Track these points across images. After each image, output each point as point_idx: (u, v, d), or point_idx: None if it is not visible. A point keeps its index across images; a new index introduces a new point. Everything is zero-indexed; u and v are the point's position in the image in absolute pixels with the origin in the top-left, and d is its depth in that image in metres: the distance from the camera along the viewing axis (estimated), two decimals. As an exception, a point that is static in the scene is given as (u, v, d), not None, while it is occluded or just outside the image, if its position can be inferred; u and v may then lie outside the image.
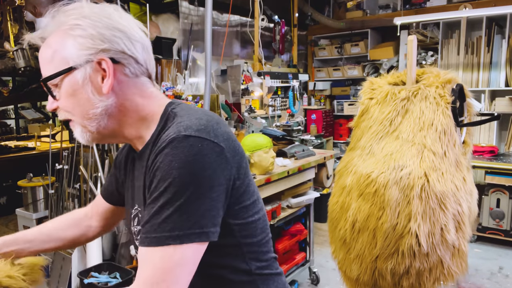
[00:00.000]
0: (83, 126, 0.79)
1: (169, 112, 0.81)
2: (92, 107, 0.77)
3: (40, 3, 3.04)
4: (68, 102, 0.78)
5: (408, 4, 4.75)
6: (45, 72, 0.78)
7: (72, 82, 0.77)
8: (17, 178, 3.85)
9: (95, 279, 2.50)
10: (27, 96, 6.13)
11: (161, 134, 0.77)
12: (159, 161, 0.71)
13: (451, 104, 1.96)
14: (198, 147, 0.70)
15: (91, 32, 0.75)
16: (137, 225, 0.88)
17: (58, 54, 0.76)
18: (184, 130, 0.71)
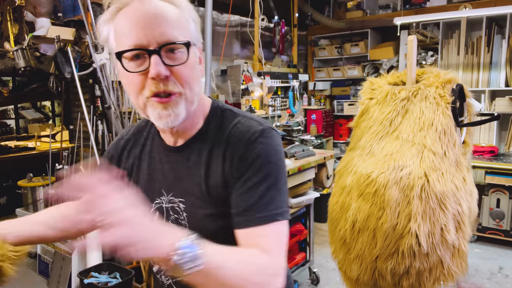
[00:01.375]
0: (189, 102, 0.78)
1: (222, 109, 0.87)
2: (200, 86, 0.80)
3: (40, 3, 3.04)
4: (190, 72, 0.77)
5: (408, 4, 4.75)
6: (178, 34, 0.74)
7: (195, 55, 0.79)
8: (17, 178, 3.85)
9: (95, 279, 2.50)
10: (27, 96, 6.14)
11: (226, 128, 0.83)
12: (254, 148, 0.78)
13: (451, 104, 1.96)
14: (278, 138, 0.82)
15: (196, 20, 0.81)
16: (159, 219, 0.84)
17: (189, 26, 0.77)
18: (262, 123, 0.82)
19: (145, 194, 0.91)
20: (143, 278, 2.74)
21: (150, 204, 0.90)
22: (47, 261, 3.21)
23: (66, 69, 2.95)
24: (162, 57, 0.72)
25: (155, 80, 0.73)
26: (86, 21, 3.04)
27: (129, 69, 0.74)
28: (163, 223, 0.63)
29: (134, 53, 0.73)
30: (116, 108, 3.15)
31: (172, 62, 0.74)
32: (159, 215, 0.88)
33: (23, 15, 3.14)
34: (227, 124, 0.83)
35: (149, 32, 0.71)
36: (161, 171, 0.89)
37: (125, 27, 0.73)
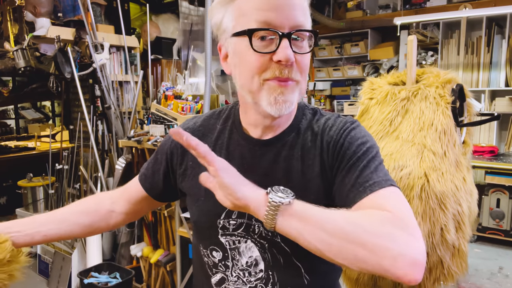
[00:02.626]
0: (301, 92, 0.77)
1: (308, 108, 0.88)
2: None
3: (40, 3, 3.04)
4: (308, 61, 0.76)
5: (408, 4, 4.75)
6: (307, 20, 0.74)
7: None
8: (17, 178, 3.85)
9: (95, 279, 2.50)
10: (27, 96, 6.13)
11: (317, 125, 0.83)
12: (350, 136, 0.79)
13: (451, 104, 1.96)
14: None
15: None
16: (238, 218, 0.81)
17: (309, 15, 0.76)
18: (351, 119, 0.84)
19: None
20: (143, 278, 2.74)
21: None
22: (47, 261, 3.21)
23: (66, 69, 2.95)
24: (291, 43, 0.70)
25: (281, 64, 0.71)
26: (86, 21, 3.04)
27: (256, 48, 0.71)
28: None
29: (262, 33, 0.71)
30: (116, 108, 3.15)
31: (298, 50, 0.72)
32: (238, 213, 0.82)
33: (23, 15, 3.14)
34: (318, 120, 0.84)
35: (283, 14, 0.69)
36: (241, 166, 0.80)
37: (254, 5, 0.71)
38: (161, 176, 0.93)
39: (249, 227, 0.80)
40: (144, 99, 3.69)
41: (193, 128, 0.91)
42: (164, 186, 0.93)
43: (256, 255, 0.80)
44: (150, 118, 2.64)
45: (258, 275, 0.80)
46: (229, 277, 0.83)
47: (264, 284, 0.80)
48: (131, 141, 2.59)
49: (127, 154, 2.78)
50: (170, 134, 0.69)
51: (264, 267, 0.80)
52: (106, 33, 3.23)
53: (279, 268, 0.79)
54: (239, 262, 0.82)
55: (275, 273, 0.79)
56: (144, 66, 3.64)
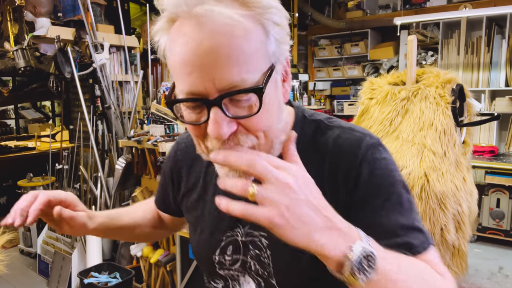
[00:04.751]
0: (267, 148, 0.58)
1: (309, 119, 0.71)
2: (281, 119, 0.60)
3: (40, 3, 3.04)
4: (267, 115, 0.56)
5: (408, 4, 4.75)
6: (244, 74, 0.52)
7: (273, 86, 0.57)
8: (17, 178, 3.85)
9: (95, 279, 2.50)
10: (27, 96, 6.13)
11: (321, 143, 0.67)
12: (377, 174, 0.63)
13: (451, 104, 1.96)
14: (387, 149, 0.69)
15: (283, 20, 0.57)
16: (233, 254, 0.73)
17: (265, 45, 0.54)
18: (370, 135, 0.68)
19: (214, 224, 0.75)
20: (143, 278, 2.74)
21: (220, 236, 0.75)
22: (47, 261, 3.21)
23: (66, 69, 2.95)
24: (224, 109, 0.53)
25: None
26: (86, 21, 3.04)
27: (185, 118, 0.58)
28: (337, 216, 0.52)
29: (188, 103, 0.56)
30: (116, 108, 3.15)
31: (240, 113, 0.54)
32: (232, 249, 0.73)
33: (23, 15, 3.14)
34: (322, 137, 0.68)
35: (208, 76, 0.51)
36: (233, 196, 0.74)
37: (177, 58, 0.54)
38: (171, 200, 0.89)
39: (245, 263, 0.72)
40: (144, 99, 3.69)
41: (185, 144, 0.84)
42: (178, 206, 0.88)
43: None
44: (150, 118, 2.64)
45: None
46: None
47: None
48: (131, 141, 2.59)
49: (127, 154, 2.78)
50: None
51: None
52: (106, 33, 3.23)
53: None
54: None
55: None
56: (144, 66, 3.64)
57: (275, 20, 0.55)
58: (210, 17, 0.51)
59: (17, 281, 3.18)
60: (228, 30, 0.51)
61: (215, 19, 0.51)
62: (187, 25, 0.52)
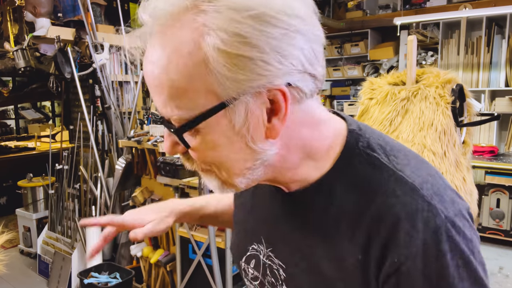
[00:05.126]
0: (229, 183, 0.53)
1: (362, 153, 0.54)
2: (252, 159, 0.50)
3: (40, 3, 3.04)
4: (213, 153, 0.50)
5: (408, 4, 4.75)
6: (169, 108, 0.47)
7: (224, 125, 0.47)
8: (17, 178, 3.85)
9: (95, 279, 2.50)
10: (27, 96, 6.14)
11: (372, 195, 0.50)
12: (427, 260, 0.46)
13: (451, 104, 1.96)
14: (467, 230, 0.48)
15: (260, 43, 0.43)
16: (255, 269, 0.67)
17: (199, 81, 0.45)
18: (445, 208, 0.48)
19: (245, 228, 0.71)
20: (143, 278, 2.74)
21: (247, 245, 0.69)
22: (47, 261, 3.21)
23: (66, 69, 2.95)
24: (184, 139, 0.50)
25: None
26: (86, 21, 3.04)
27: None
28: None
29: None
30: (116, 108, 3.15)
31: (194, 143, 0.50)
32: (254, 264, 0.66)
33: (23, 15, 3.14)
34: (373, 187, 0.51)
35: (153, 97, 0.50)
36: (262, 210, 0.66)
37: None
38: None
39: (263, 285, 0.66)
40: (144, 99, 3.69)
41: None
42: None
43: None
44: (150, 118, 2.64)
45: None
46: None
47: None
48: (131, 141, 2.59)
49: (127, 154, 2.78)
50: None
51: None
52: (106, 33, 3.23)
53: None
54: None
55: None
56: (144, 66, 3.64)
57: (226, 48, 0.43)
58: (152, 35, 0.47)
59: (17, 281, 3.18)
60: (160, 54, 0.46)
61: (154, 37, 0.47)
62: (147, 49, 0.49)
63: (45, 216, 3.56)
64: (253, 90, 0.45)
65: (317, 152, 0.54)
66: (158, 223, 0.81)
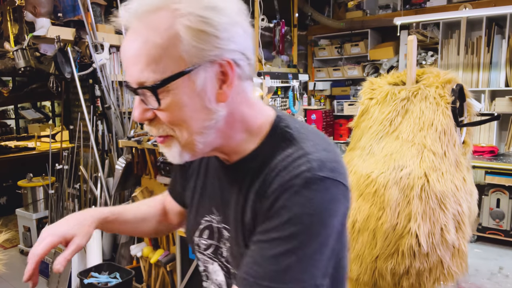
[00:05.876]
0: (189, 144, 0.64)
1: (282, 130, 0.69)
2: (208, 118, 0.63)
3: (40, 3, 3.04)
4: (179, 112, 0.61)
5: (408, 4, 4.75)
6: (146, 72, 0.59)
7: (188, 87, 0.60)
8: (17, 178, 3.86)
9: (95, 279, 2.50)
10: (27, 96, 6.14)
11: (276, 156, 0.66)
12: (286, 198, 0.61)
13: (451, 104, 1.96)
14: (332, 192, 0.62)
15: (215, 24, 0.60)
16: (208, 238, 0.79)
17: (172, 50, 0.59)
18: (320, 168, 0.62)
19: (197, 206, 0.82)
20: (143, 278, 2.74)
21: (200, 218, 0.81)
22: (47, 261, 3.21)
23: (66, 69, 2.95)
24: (142, 98, 0.62)
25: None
26: (86, 21, 3.04)
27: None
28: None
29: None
30: (116, 108, 3.15)
31: (151, 105, 0.62)
32: (208, 234, 0.79)
33: (23, 15, 3.14)
34: (277, 153, 0.66)
35: (128, 70, 0.62)
36: (212, 185, 0.79)
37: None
38: (180, 187, 0.92)
39: (218, 249, 0.77)
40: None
41: None
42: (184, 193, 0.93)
43: (221, 279, 0.78)
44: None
45: None
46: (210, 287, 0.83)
47: None
48: (131, 141, 2.59)
49: (127, 154, 2.78)
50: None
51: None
52: (106, 33, 3.23)
53: None
54: (211, 280, 0.83)
55: None
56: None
57: (192, 25, 0.59)
58: (133, 23, 0.61)
59: (17, 281, 3.18)
60: (139, 34, 0.60)
61: (134, 24, 0.61)
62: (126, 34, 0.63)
63: (45, 216, 3.56)
64: (210, 58, 0.60)
65: (252, 127, 0.69)
66: (81, 239, 0.78)
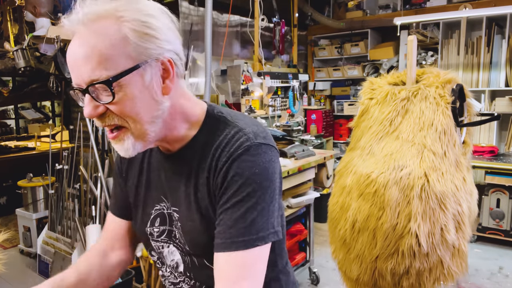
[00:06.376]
0: (141, 133, 0.73)
1: (216, 116, 0.82)
2: (156, 109, 0.73)
3: (40, 3, 3.04)
4: (131, 104, 0.70)
5: (408, 4, 4.75)
6: (98, 71, 0.67)
7: (139, 81, 0.70)
8: (17, 178, 3.85)
9: (95, 279, 2.50)
10: (27, 96, 6.14)
11: (216, 137, 0.78)
12: (236, 166, 0.74)
13: (451, 104, 1.96)
14: (269, 154, 0.77)
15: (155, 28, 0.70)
16: (160, 225, 0.88)
17: (122, 50, 0.68)
18: (255, 137, 0.76)
19: (144, 200, 0.91)
20: (143, 278, 2.74)
21: (149, 209, 0.89)
22: (47, 261, 3.21)
23: (66, 69, 2.95)
24: (93, 96, 0.69)
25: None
26: (86, 21, 3.04)
27: (81, 103, 0.73)
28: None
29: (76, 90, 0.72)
30: (116, 108, 3.14)
31: (104, 100, 0.69)
32: (160, 221, 0.88)
33: (23, 15, 3.13)
34: (217, 134, 0.79)
35: (77, 72, 0.69)
36: (158, 177, 0.88)
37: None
38: (125, 196, 0.96)
39: (171, 232, 0.86)
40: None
41: None
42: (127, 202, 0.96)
43: (178, 258, 0.88)
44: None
45: (180, 277, 0.89)
46: (165, 273, 0.93)
47: (186, 283, 0.89)
48: (131, 141, 2.58)
49: (127, 154, 2.78)
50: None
51: (183, 269, 0.87)
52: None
53: (196, 270, 0.85)
54: (165, 264, 0.91)
55: (192, 274, 0.87)
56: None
57: (137, 29, 0.68)
58: (80, 30, 0.68)
59: (17, 281, 3.18)
60: (86, 39, 0.67)
61: (81, 30, 0.68)
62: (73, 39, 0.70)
63: (45, 216, 3.56)
64: (154, 56, 0.70)
65: (191, 117, 0.80)
66: None
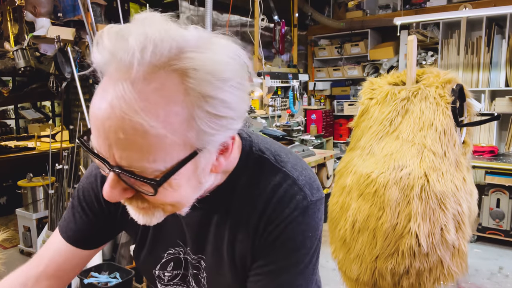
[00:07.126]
0: (166, 213, 0.57)
1: (256, 155, 0.67)
2: (197, 193, 0.58)
3: (40, 3, 3.04)
4: (174, 194, 0.52)
5: (408, 4, 4.75)
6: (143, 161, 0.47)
7: (190, 169, 0.52)
8: (17, 178, 3.85)
9: (95, 279, 2.50)
10: (27, 96, 6.14)
11: (261, 187, 0.65)
12: (290, 229, 0.63)
13: (451, 104, 1.96)
14: (321, 210, 0.68)
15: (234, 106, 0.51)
16: (173, 270, 0.77)
17: (183, 135, 0.48)
18: (311, 193, 0.65)
19: (153, 241, 0.77)
20: (143, 278, 2.74)
21: (160, 253, 0.77)
22: (47, 261, 3.21)
23: (66, 69, 2.95)
24: (121, 177, 0.49)
25: None
26: (86, 21, 3.04)
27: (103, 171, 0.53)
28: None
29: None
30: (116, 108, 3.14)
31: (139, 189, 0.51)
32: (173, 266, 0.77)
33: (23, 15, 3.13)
34: (264, 183, 0.65)
35: (110, 149, 0.47)
36: (170, 222, 0.72)
37: (91, 110, 0.49)
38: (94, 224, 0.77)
39: (185, 277, 0.77)
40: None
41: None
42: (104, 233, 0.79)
43: None
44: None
45: None
46: None
47: None
48: (131, 141, 2.58)
49: (127, 154, 2.78)
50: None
51: None
52: (106, 33, 3.23)
53: None
54: None
55: None
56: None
57: (206, 107, 0.48)
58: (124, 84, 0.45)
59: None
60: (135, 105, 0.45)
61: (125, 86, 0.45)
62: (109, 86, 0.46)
63: (45, 216, 3.56)
64: (220, 141, 0.53)
65: (229, 167, 0.65)
66: None
